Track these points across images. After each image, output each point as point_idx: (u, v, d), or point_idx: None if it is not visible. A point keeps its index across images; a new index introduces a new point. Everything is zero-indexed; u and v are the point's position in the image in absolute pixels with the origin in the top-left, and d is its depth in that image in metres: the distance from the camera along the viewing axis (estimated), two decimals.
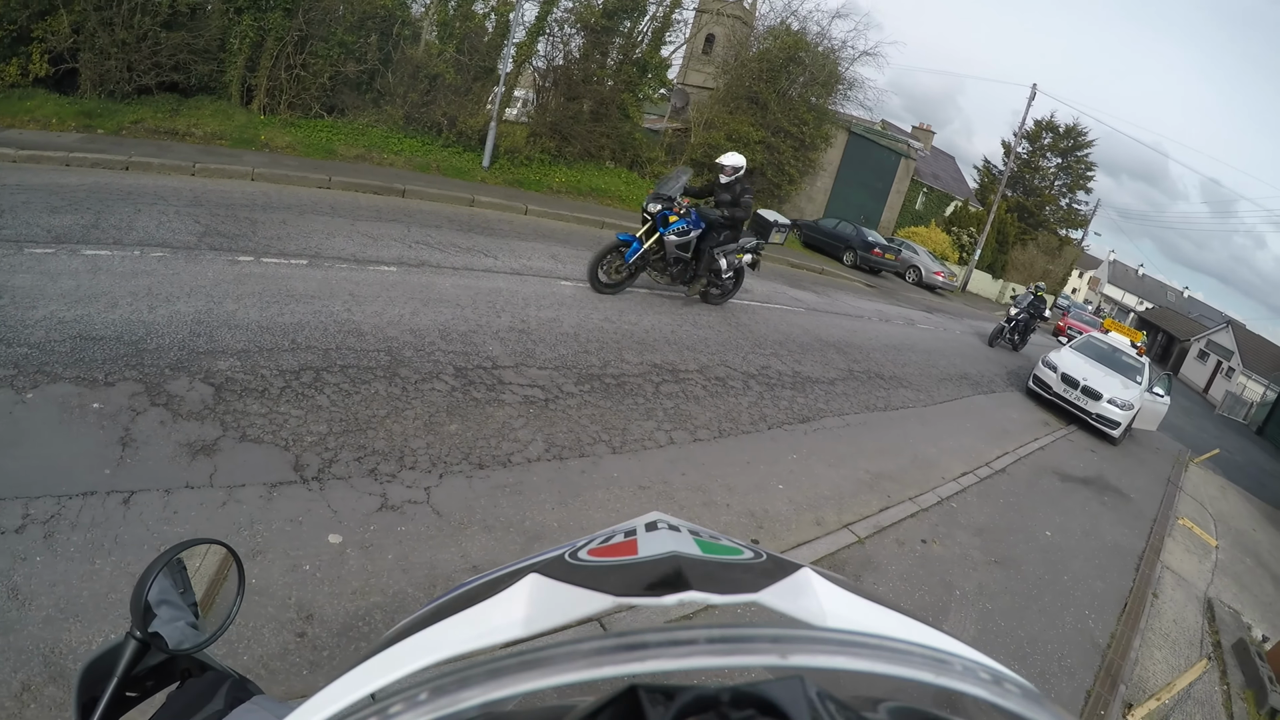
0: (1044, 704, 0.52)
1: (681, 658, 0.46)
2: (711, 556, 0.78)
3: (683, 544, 0.82)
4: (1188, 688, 5.65)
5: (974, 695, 0.50)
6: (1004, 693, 0.51)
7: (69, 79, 11.60)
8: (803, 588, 0.70)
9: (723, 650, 0.48)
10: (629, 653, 0.47)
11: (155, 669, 1.10)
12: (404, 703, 0.48)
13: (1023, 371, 15.82)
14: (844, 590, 0.72)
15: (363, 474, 4.37)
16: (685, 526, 0.95)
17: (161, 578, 1.11)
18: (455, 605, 0.74)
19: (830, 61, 23.58)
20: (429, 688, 0.48)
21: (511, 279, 9.11)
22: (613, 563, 0.79)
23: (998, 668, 0.59)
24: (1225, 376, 43.98)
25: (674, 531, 0.90)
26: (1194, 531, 9.94)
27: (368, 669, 0.65)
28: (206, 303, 5.87)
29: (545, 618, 0.62)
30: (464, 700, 0.46)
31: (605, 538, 0.93)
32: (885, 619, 0.71)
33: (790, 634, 0.51)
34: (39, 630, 2.76)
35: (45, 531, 3.21)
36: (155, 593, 1.08)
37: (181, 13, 12.23)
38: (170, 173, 9.85)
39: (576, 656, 0.47)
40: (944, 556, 6.06)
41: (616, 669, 0.46)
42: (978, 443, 9.62)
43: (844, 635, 0.53)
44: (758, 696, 0.43)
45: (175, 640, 1.08)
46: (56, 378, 4.34)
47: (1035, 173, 42.08)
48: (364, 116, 14.82)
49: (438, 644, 0.64)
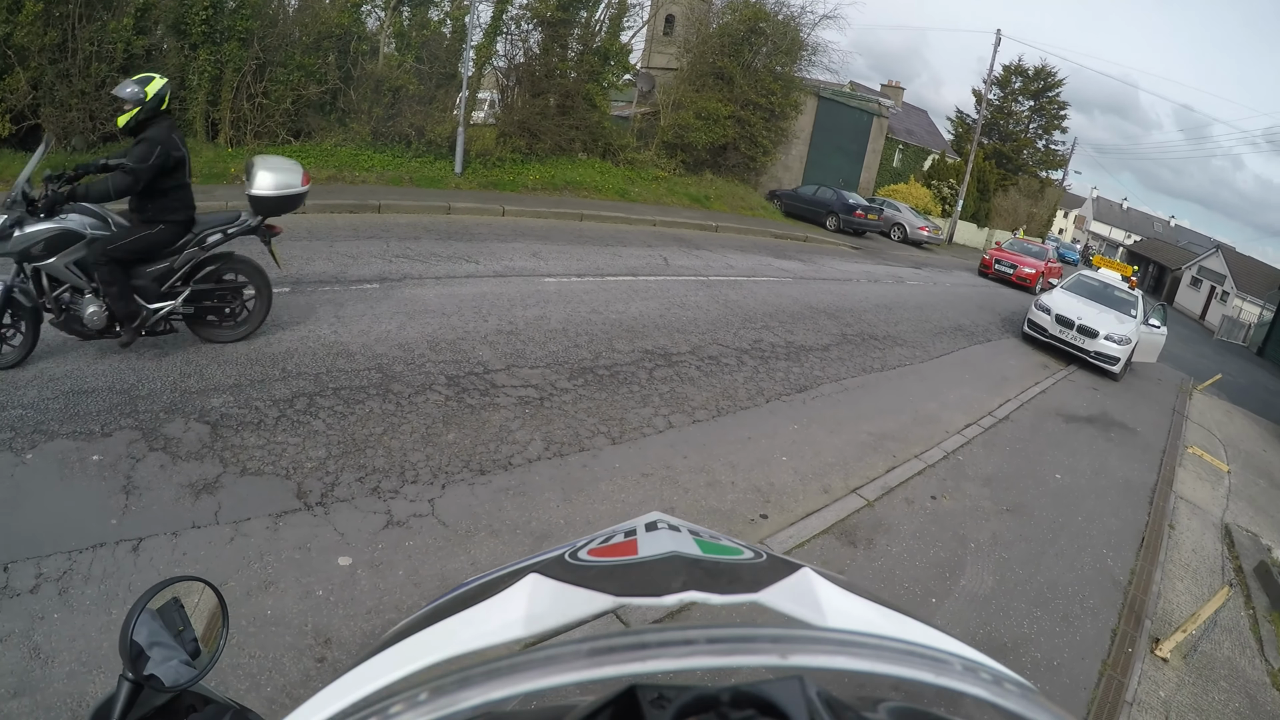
0: (1043, 703, 0.53)
1: (681, 658, 0.48)
2: (711, 556, 0.79)
3: (683, 544, 0.83)
4: (1213, 616, 5.63)
5: (974, 695, 0.52)
6: (1004, 692, 0.53)
7: (33, 135, 11.49)
8: (802, 588, 0.71)
9: (723, 650, 0.49)
10: (629, 653, 0.48)
11: (162, 709, 1.12)
12: (404, 703, 0.49)
13: (1017, 318, 15.81)
14: (844, 590, 0.73)
15: (365, 493, 4.40)
16: (685, 526, 0.96)
17: (149, 620, 1.14)
18: (455, 605, 0.75)
19: (791, 29, 23.45)
20: (429, 688, 0.49)
21: (495, 281, 9.11)
22: (613, 563, 0.80)
23: (997, 667, 0.60)
24: (1220, 301, 43.94)
25: (674, 531, 0.91)
26: (1204, 458, 9.96)
27: (368, 669, 0.66)
28: (192, 340, 5.86)
29: (545, 618, 0.63)
30: (464, 700, 0.47)
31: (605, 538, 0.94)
32: (885, 619, 0.72)
33: (790, 634, 0.52)
34: (64, 685, 2.79)
35: (59, 588, 3.24)
36: (145, 635, 1.11)
37: (138, 56, 12.12)
38: None
39: (576, 656, 0.48)
40: (955, 510, 6.08)
41: (616, 669, 0.47)
42: (978, 393, 9.64)
43: (844, 635, 0.54)
44: (757, 696, 0.44)
45: (171, 679, 1.10)
46: (54, 435, 4.35)
47: (1009, 118, 41.88)
48: (331, 137, 14.74)
49: (438, 644, 0.65)
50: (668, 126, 21.78)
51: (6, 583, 3.22)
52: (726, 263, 13.91)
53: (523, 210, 14.31)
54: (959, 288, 19.26)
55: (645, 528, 0.95)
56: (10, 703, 2.69)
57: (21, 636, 2.96)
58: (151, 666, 1.09)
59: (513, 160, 17.18)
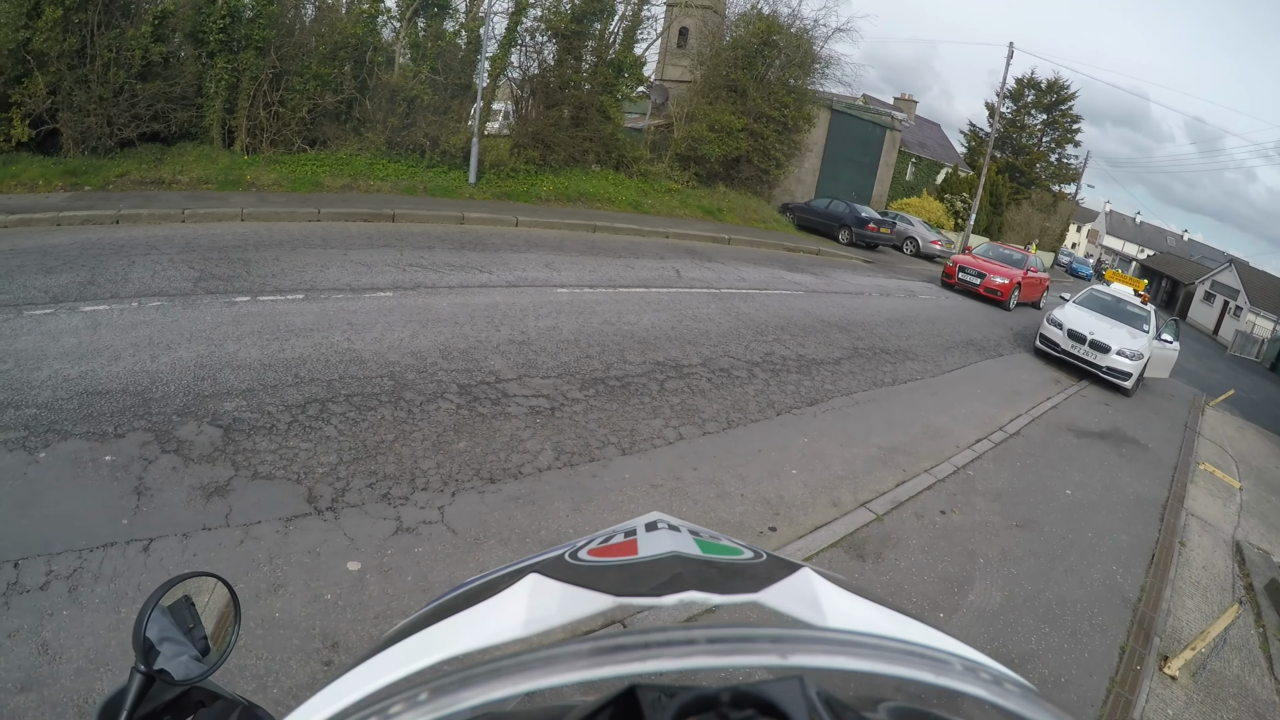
0: (1044, 703, 0.53)
1: (681, 658, 0.47)
2: (711, 556, 0.79)
3: (683, 544, 0.83)
4: (1223, 633, 5.55)
5: (974, 695, 0.51)
6: (1004, 692, 0.52)
7: (51, 140, 11.65)
8: (802, 588, 0.70)
9: (723, 650, 0.49)
10: (629, 653, 0.48)
11: (170, 705, 1.12)
12: (404, 703, 0.49)
13: (1029, 332, 15.72)
14: (844, 590, 0.73)
15: (376, 499, 4.40)
16: (685, 526, 0.96)
17: (160, 616, 1.14)
18: (455, 605, 0.75)
19: (805, 42, 23.49)
20: (429, 688, 0.49)
21: (508, 291, 9.14)
22: (613, 563, 0.80)
23: (998, 667, 0.60)
24: (1233, 316, 43.57)
25: (674, 531, 0.91)
26: (1216, 475, 9.85)
27: (368, 669, 0.66)
28: (207, 346, 5.91)
29: (545, 618, 0.63)
30: (464, 700, 0.46)
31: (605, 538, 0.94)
32: (885, 619, 0.71)
33: (790, 634, 0.52)
34: (71, 682, 2.79)
35: (69, 586, 3.25)
36: (156, 631, 1.11)
37: (155, 63, 12.28)
38: (160, 221, 9.92)
39: (576, 656, 0.48)
40: (964, 525, 6.03)
41: (616, 669, 0.46)
42: (989, 407, 9.58)
43: (844, 635, 0.54)
44: (757, 696, 0.44)
45: (181, 673, 1.11)
46: (67, 435, 4.38)
47: (1022, 131, 41.91)
48: (346, 146, 14.86)
49: (438, 644, 0.65)
50: (681, 139, 21.83)
51: (17, 579, 3.23)
52: (738, 275, 13.90)
53: (536, 221, 14.36)
54: (971, 301, 19.17)
55: (645, 528, 0.95)
56: (17, 697, 2.70)
57: (30, 632, 2.98)
58: (162, 661, 1.09)
59: (526, 171, 17.27)
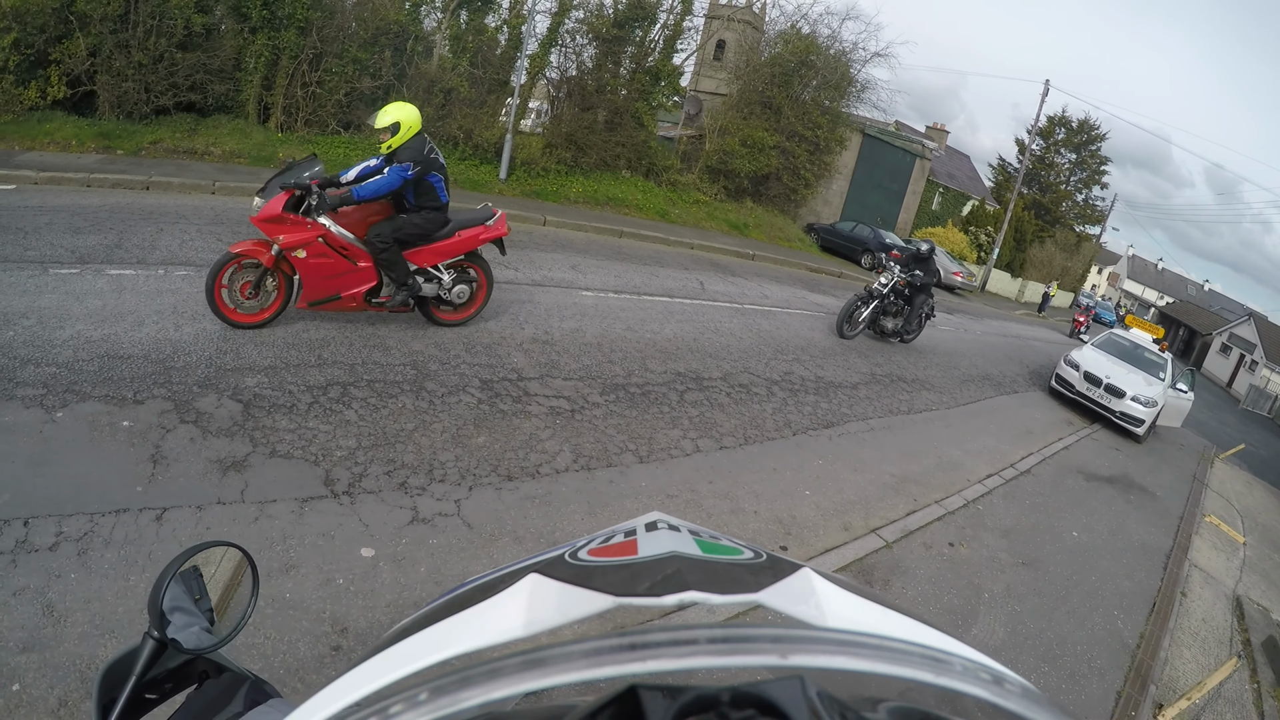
0: (1044, 704, 0.52)
1: (682, 658, 0.47)
2: (711, 556, 0.80)
3: (682, 544, 0.82)
4: (1218, 687, 5.59)
5: (974, 695, 0.51)
6: (1004, 693, 0.52)
7: (87, 101, 11.74)
8: (803, 588, 0.71)
9: (723, 650, 0.48)
10: (629, 653, 0.47)
11: (174, 672, 1.12)
12: (404, 703, 0.49)
13: (1045, 371, 15.69)
14: (844, 590, 0.73)
15: (393, 487, 4.37)
16: (685, 526, 0.96)
17: (174, 585, 1.14)
18: (455, 605, 0.75)
19: (842, 64, 23.49)
20: (429, 688, 0.49)
21: (533, 290, 9.13)
22: (613, 563, 0.79)
23: (998, 667, 0.60)
24: (1248, 370, 43.39)
25: (674, 531, 0.90)
26: (1221, 528, 9.79)
27: (368, 669, 0.66)
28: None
29: (545, 618, 0.63)
30: (464, 700, 0.46)
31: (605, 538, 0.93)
32: (885, 619, 0.71)
33: (790, 634, 0.52)
34: (74, 646, 2.77)
35: (79, 549, 3.22)
36: (169, 600, 1.11)
37: (196, 34, 12.35)
38: (190, 191, 9.97)
39: (576, 656, 0.47)
40: (971, 559, 6.00)
41: (616, 669, 0.46)
42: (1002, 444, 9.52)
43: (844, 635, 0.53)
44: (758, 696, 0.43)
45: (191, 643, 1.10)
46: (86, 396, 4.37)
47: (1050, 169, 41.90)
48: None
49: (438, 644, 0.65)
50: (712, 151, 21.86)
51: (26, 537, 3.21)
52: (761, 292, 13.88)
53: (564, 222, 14.37)
54: (989, 336, 19.14)
55: (645, 527, 0.94)
56: (19, 657, 2.67)
57: (36, 592, 2.95)
58: (174, 630, 1.09)
59: (557, 171, 17.28)
